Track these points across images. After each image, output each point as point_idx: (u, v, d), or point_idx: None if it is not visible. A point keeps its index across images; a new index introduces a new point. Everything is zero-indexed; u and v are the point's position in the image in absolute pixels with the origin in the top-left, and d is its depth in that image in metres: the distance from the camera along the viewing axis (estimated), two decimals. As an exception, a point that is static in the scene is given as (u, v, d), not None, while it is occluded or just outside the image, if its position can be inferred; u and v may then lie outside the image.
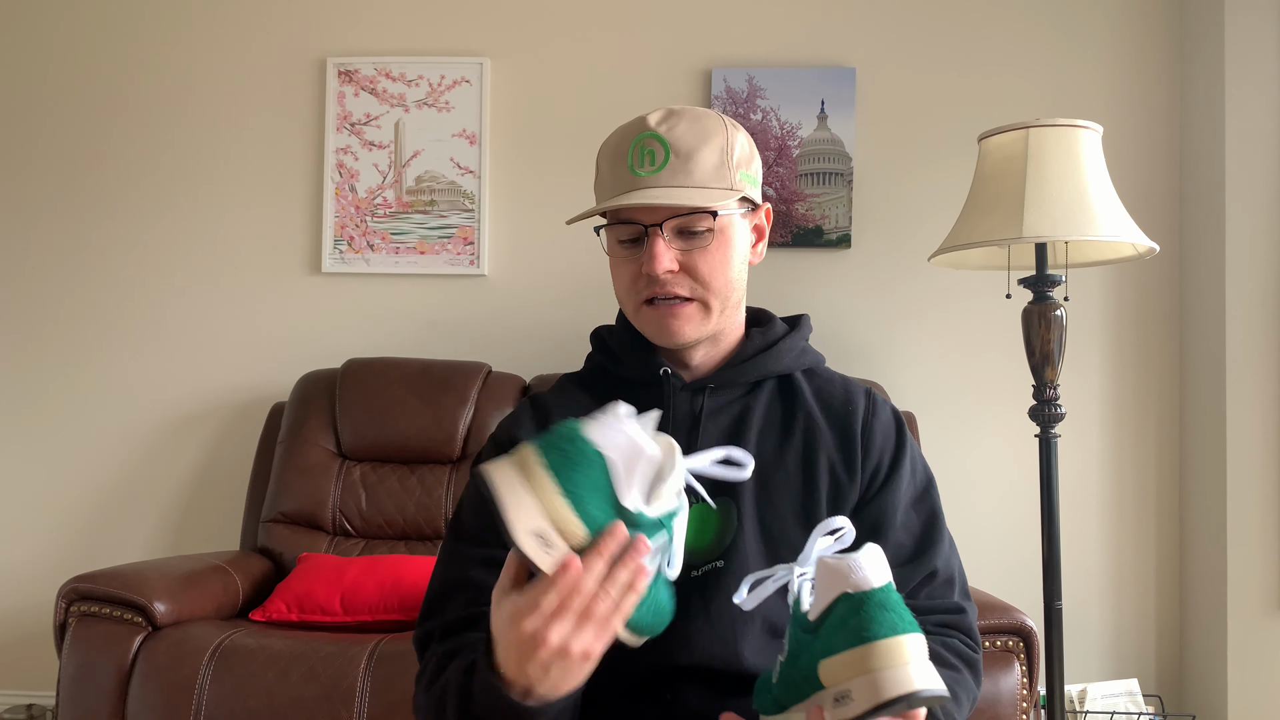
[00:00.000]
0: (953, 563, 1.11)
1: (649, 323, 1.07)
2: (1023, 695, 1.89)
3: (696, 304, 1.06)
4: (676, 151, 1.02)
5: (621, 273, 1.07)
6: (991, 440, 2.67)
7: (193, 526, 2.80)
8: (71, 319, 2.85)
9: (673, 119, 1.04)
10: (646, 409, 1.05)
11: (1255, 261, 2.45)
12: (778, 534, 1.05)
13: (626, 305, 1.09)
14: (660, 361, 1.11)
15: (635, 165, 1.02)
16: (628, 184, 1.02)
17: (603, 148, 1.09)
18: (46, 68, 2.89)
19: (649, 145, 1.02)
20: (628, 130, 1.05)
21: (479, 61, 2.78)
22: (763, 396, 1.11)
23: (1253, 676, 2.42)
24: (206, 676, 1.88)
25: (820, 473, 1.07)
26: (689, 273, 1.04)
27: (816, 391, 1.13)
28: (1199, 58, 2.60)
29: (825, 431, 1.09)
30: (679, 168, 1.02)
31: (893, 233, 2.71)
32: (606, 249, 1.10)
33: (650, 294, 1.05)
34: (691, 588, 1.02)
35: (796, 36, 2.75)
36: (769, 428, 1.10)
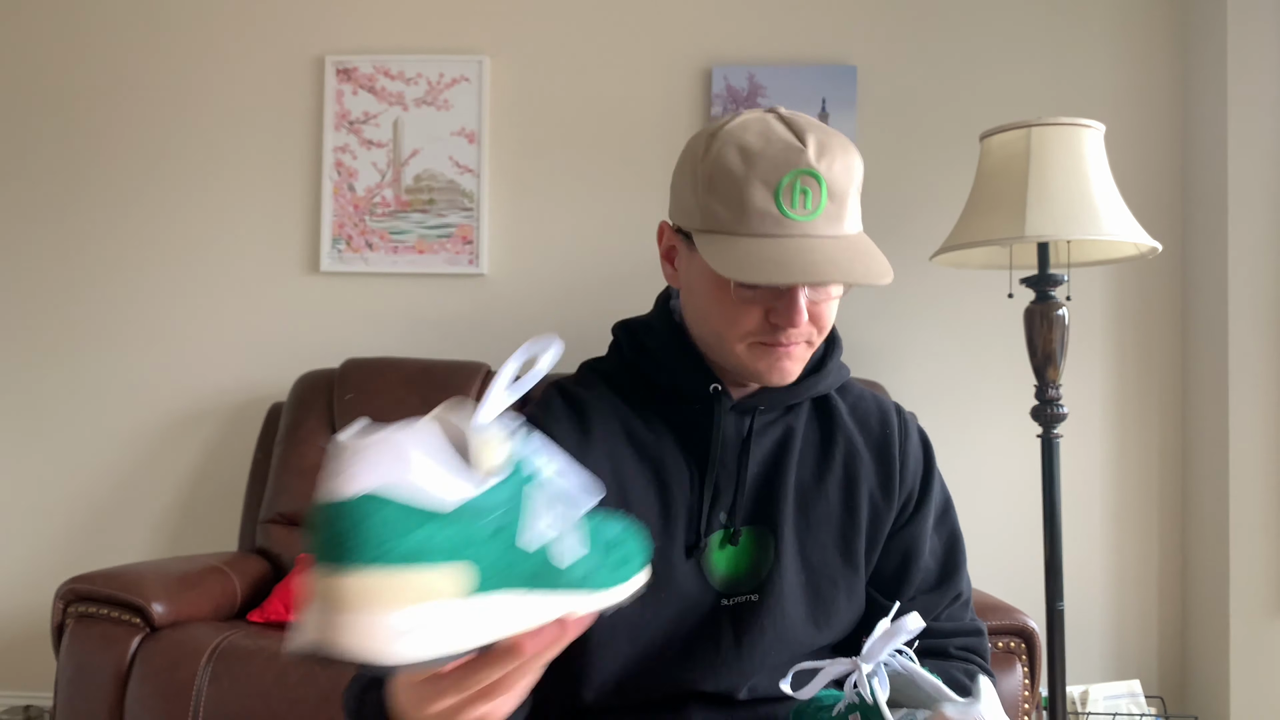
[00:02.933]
0: (969, 584, 1.12)
1: (758, 361, 0.97)
2: (1024, 696, 1.88)
3: (805, 345, 0.99)
4: (833, 195, 0.92)
5: (738, 314, 0.95)
6: (993, 441, 2.67)
7: (191, 527, 2.79)
8: (69, 319, 2.84)
9: (828, 154, 0.92)
10: (689, 423, 1.02)
11: (1258, 260, 2.44)
12: (818, 564, 1.02)
13: (731, 342, 0.97)
14: (713, 376, 1.02)
15: (786, 205, 0.90)
16: (778, 226, 0.90)
17: (726, 159, 0.92)
18: (45, 67, 2.88)
19: (806, 184, 0.90)
20: (779, 158, 0.90)
21: (478, 60, 2.77)
22: (802, 416, 1.07)
23: (1255, 678, 2.41)
24: (204, 677, 1.87)
25: (861, 501, 1.04)
26: (813, 319, 0.97)
27: (852, 410, 1.09)
28: (1202, 56, 2.59)
29: (865, 456, 1.06)
30: (834, 214, 0.93)
31: (893, 232, 2.70)
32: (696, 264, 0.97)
33: (770, 339, 0.95)
34: (723, 616, 1.00)
35: (797, 35, 2.74)
36: (808, 450, 1.05)
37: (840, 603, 1.02)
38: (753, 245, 0.90)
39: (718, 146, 0.93)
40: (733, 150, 0.92)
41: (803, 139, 0.91)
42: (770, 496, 1.02)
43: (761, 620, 0.99)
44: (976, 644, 1.08)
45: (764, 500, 1.02)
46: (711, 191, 0.93)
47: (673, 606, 0.99)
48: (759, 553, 1.01)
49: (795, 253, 0.90)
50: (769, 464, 1.03)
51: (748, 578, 1.00)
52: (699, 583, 0.99)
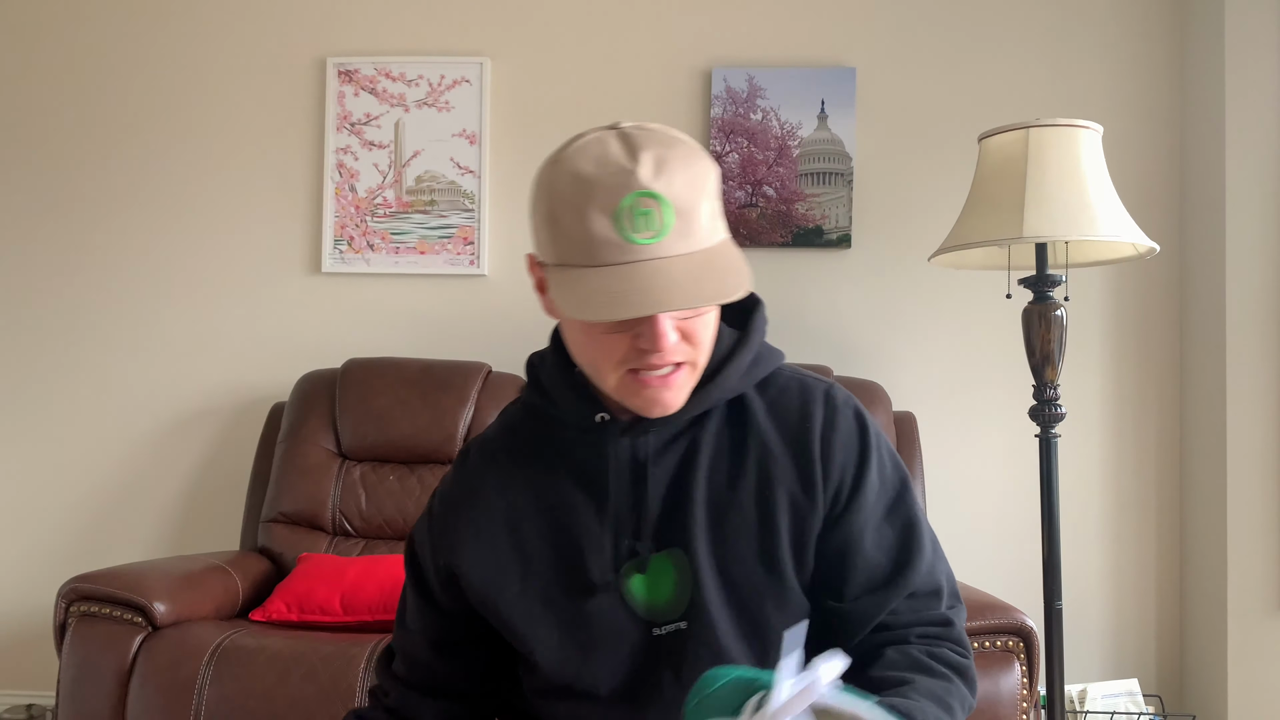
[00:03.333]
0: (937, 572, 1.02)
1: (635, 395, 0.92)
2: (1023, 695, 1.89)
3: (688, 366, 0.93)
4: (679, 211, 0.86)
5: (605, 345, 0.90)
6: (991, 440, 2.67)
7: (193, 526, 2.80)
8: (71, 319, 2.85)
9: (666, 169, 0.86)
10: (584, 454, 0.99)
11: (1256, 261, 2.45)
12: (739, 579, 0.97)
13: (605, 374, 0.92)
14: (598, 405, 0.98)
15: (629, 230, 0.85)
16: (623, 253, 0.85)
17: (562, 194, 0.88)
18: (46, 68, 2.89)
19: (645, 206, 0.85)
20: (613, 182, 0.86)
21: (479, 61, 2.78)
22: (711, 425, 0.99)
23: (1253, 676, 2.42)
24: (206, 677, 1.88)
25: (778, 506, 0.97)
26: (686, 338, 0.91)
27: (770, 407, 1.01)
28: (1199, 57, 2.60)
29: (780, 457, 0.98)
30: (683, 230, 0.86)
31: (893, 233, 2.71)
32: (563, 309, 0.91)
33: (643, 366, 0.90)
34: (658, 649, 0.97)
35: (797, 36, 2.75)
36: (719, 461, 0.99)
37: (770, 615, 0.97)
38: (600, 277, 0.86)
39: (555, 177, 0.89)
40: (568, 180, 0.88)
41: (637, 158, 0.86)
42: (679, 517, 0.97)
43: (695, 648, 0.96)
44: (944, 632, 1.00)
45: (674, 522, 0.97)
46: (555, 224, 0.89)
47: (607, 647, 0.98)
48: (679, 577, 0.97)
49: (642, 280, 0.85)
50: (675, 483, 0.98)
51: (672, 604, 0.96)
52: (626, 618, 0.97)
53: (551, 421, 1.02)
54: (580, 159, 0.88)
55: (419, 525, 1.08)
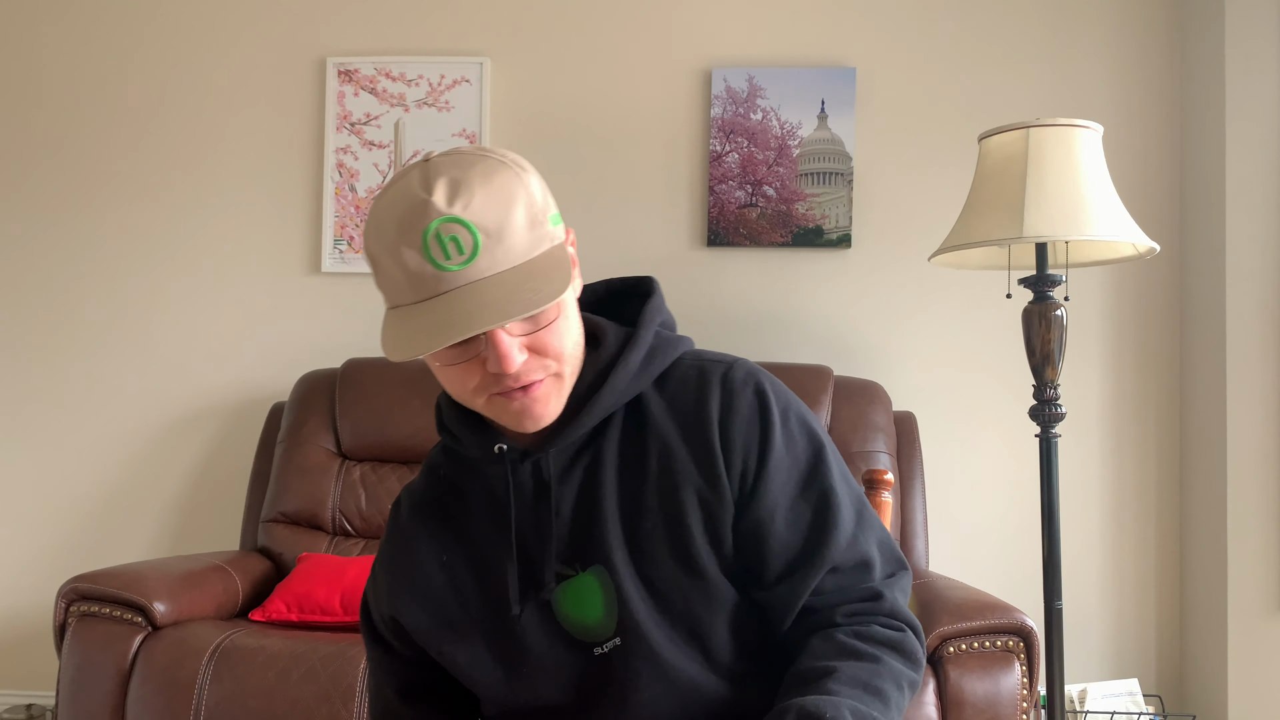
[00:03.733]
0: (863, 543, 0.97)
1: (504, 413, 0.91)
2: (1023, 695, 1.89)
3: (551, 378, 0.91)
4: (485, 230, 0.84)
5: (457, 377, 0.90)
6: (991, 440, 2.67)
7: (193, 526, 2.80)
8: (71, 319, 2.85)
9: (463, 190, 0.85)
10: (494, 486, 0.99)
11: (1256, 261, 2.45)
12: (661, 584, 0.95)
13: (472, 402, 0.92)
14: (495, 437, 0.97)
15: (438, 259, 0.84)
16: (438, 283, 0.84)
17: (377, 238, 0.87)
18: (46, 68, 2.89)
19: (448, 232, 0.84)
20: (410, 215, 0.85)
21: (479, 61, 2.78)
22: (612, 434, 0.97)
23: (1253, 676, 2.42)
24: (206, 676, 1.88)
25: (686, 504, 0.95)
26: (538, 353, 0.89)
27: (670, 402, 0.98)
28: (1199, 57, 2.60)
29: (681, 454, 0.96)
30: (493, 250, 0.85)
31: (893, 233, 2.71)
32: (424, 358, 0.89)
33: (500, 388, 0.89)
34: (602, 667, 0.96)
35: (797, 36, 2.75)
36: (624, 469, 0.96)
37: (701, 615, 0.95)
38: (421, 312, 0.85)
39: (370, 223, 0.89)
40: (377, 223, 0.88)
41: (430, 186, 0.85)
42: (594, 532, 0.95)
43: (634, 662, 0.94)
44: (871, 608, 0.96)
45: (589, 538, 0.96)
46: (377, 270, 0.89)
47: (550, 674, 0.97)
48: (605, 594, 0.95)
49: (456, 306, 0.84)
50: (583, 500, 0.96)
51: (604, 622, 0.95)
52: (563, 643, 0.97)
53: (465, 460, 1.02)
54: (385, 199, 0.88)
55: (367, 586, 1.08)
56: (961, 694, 1.84)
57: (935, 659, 1.89)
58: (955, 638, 1.88)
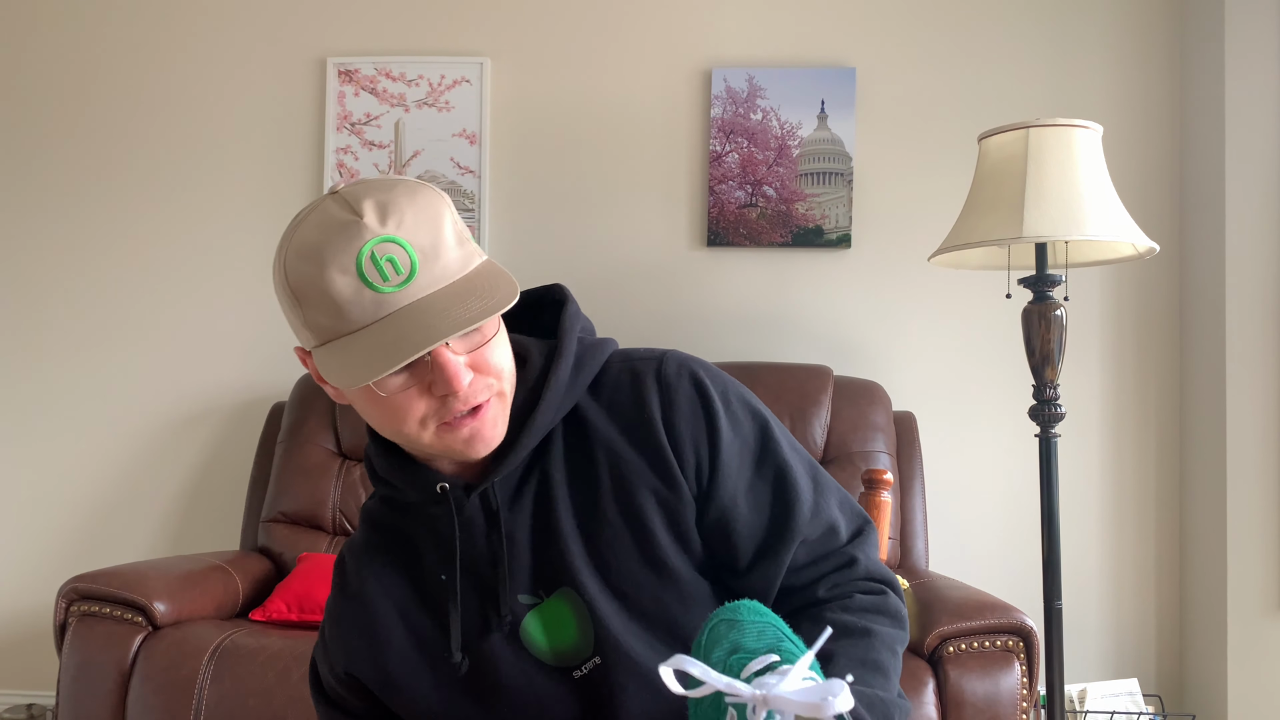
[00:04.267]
0: (825, 507, 0.96)
1: (454, 442, 0.88)
2: (1023, 695, 1.89)
3: (494, 396, 0.89)
4: (420, 250, 0.83)
5: (402, 407, 0.86)
6: (991, 440, 2.67)
7: (193, 526, 2.80)
8: (71, 319, 2.85)
9: (393, 210, 0.83)
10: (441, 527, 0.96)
11: (1255, 261, 2.45)
12: (632, 593, 0.93)
13: (416, 436, 0.88)
14: (435, 476, 0.94)
15: (376, 281, 0.81)
16: (379, 307, 0.82)
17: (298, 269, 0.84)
18: (46, 68, 2.89)
19: (385, 252, 0.81)
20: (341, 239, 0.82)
21: (479, 61, 2.78)
22: (555, 451, 0.95)
23: (1253, 676, 2.42)
24: (206, 676, 1.88)
25: (645, 508, 0.93)
26: (481, 372, 0.87)
27: (608, 408, 0.96)
28: (1199, 57, 2.60)
29: (630, 457, 0.94)
30: (430, 268, 0.83)
31: (893, 233, 2.71)
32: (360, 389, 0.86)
33: (449, 415, 0.86)
34: (583, 690, 0.94)
35: (797, 36, 2.75)
36: (574, 482, 0.95)
37: (678, 616, 0.94)
38: (365, 338, 0.82)
39: (287, 258, 0.85)
40: (298, 255, 0.84)
41: (359, 209, 0.83)
42: (555, 555, 0.94)
43: (617, 678, 0.93)
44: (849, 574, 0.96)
45: (550, 562, 0.94)
46: (304, 304, 0.84)
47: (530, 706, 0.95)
48: (576, 614, 0.93)
49: (408, 323, 0.81)
50: (538, 524, 0.94)
51: (580, 644, 0.94)
52: (538, 672, 0.95)
53: (405, 506, 0.99)
54: (304, 231, 0.85)
55: (315, 650, 1.05)
56: (961, 694, 1.84)
57: (935, 659, 1.89)
58: (955, 637, 1.88)
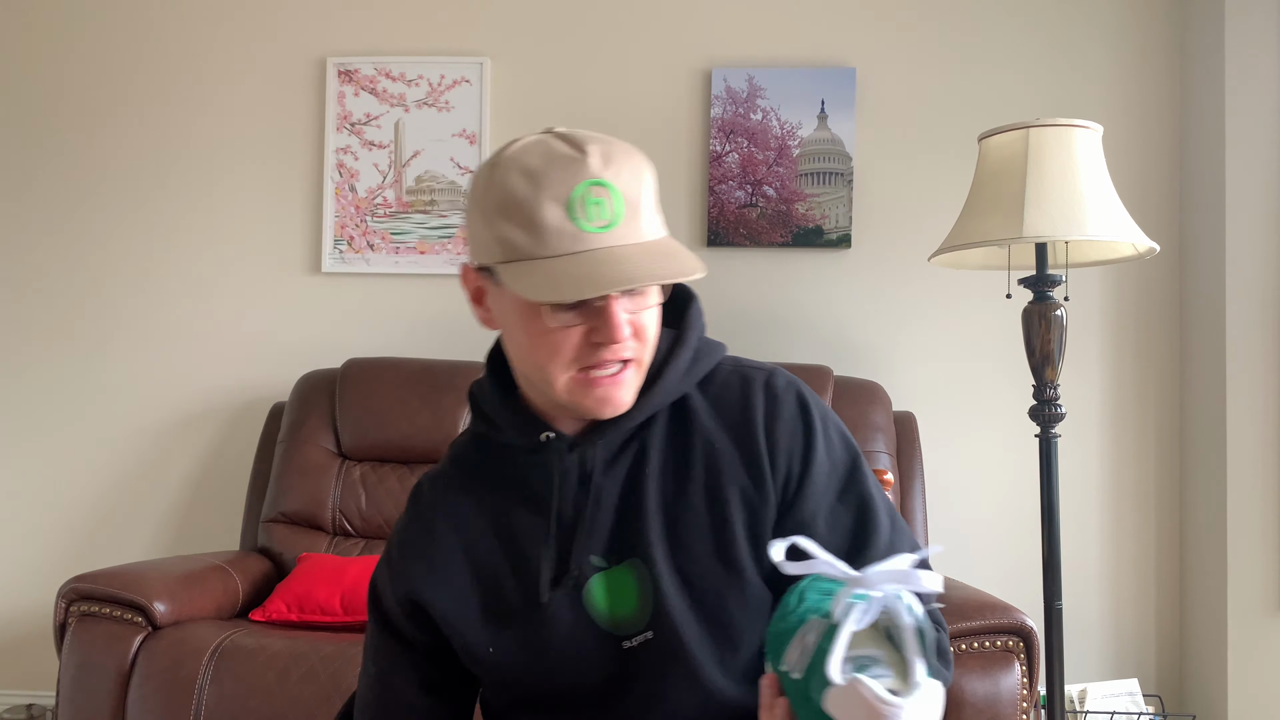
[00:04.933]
0: (899, 547, 0.99)
1: (585, 395, 0.92)
2: (1023, 695, 1.89)
3: (635, 363, 0.93)
4: (628, 202, 0.88)
5: (557, 341, 0.90)
6: (991, 440, 2.67)
7: (193, 526, 2.80)
8: (71, 319, 2.85)
9: (614, 161, 0.88)
10: (533, 475, 0.99)
11: (1255, 261, 2.45)
12: (699, 581, 0.96)
13: (555, 375, 0.92)
14: (542, 425, 0.98)
15: (582, 219, 0.86)
16: (578, 242, 0.86)
17: (509, 187, 0.88)
18: (48, 70, 2.89)
19: (597, 195, 0.87)
20: (563, 172, 0.87)
21: (479, 61, 2.78)
22: (657, 430, 0.99)
23: (1253, 676, 2.42)
24: (206, 676, 1.88)
25: (730, 503, 0.96)
26: (635, 334, 0.92)
27: (714, 404, 1.01)
28: (1199, 57, 2.60)
29: (727, 452, 0.98)
30: (632, 221, 0.88)
31: (893, 233, 2.71)
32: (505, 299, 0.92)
33: (595, 363, 0.90)
34: (629, 661, 0.96)
35: (796, 36, 2.75)
36: (667, 466, 0.98)
37: (734, 615, 0.96)
38: (556, 265, 0.86)
39: (500, 175, 0.89)
40: (516, 175, 0.88)
41: (584, 150, 0.88)
42: (635, 526, 0.97)
43: (662, 657, 0.95)
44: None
45: (629, 531, 0.97)
46: (504, 220, 0.88)
47: (573, 664, 0.97)
48: (640, 587, 0.96)
49: (600, 264, 0.86)
50: (626, 493, 0.98)
51: (637, 616, 0.96)
52: (591, 634, 0.96)
53: (499, 448, 1.02)
54: (525, 156, 0.89)
55: (378, 571, 1.06)
56: (961, 694, 1.84)
57: (935, 659, 1.89)
58: (955, 637, 1.88)
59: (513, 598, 0.98)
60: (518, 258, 0.88)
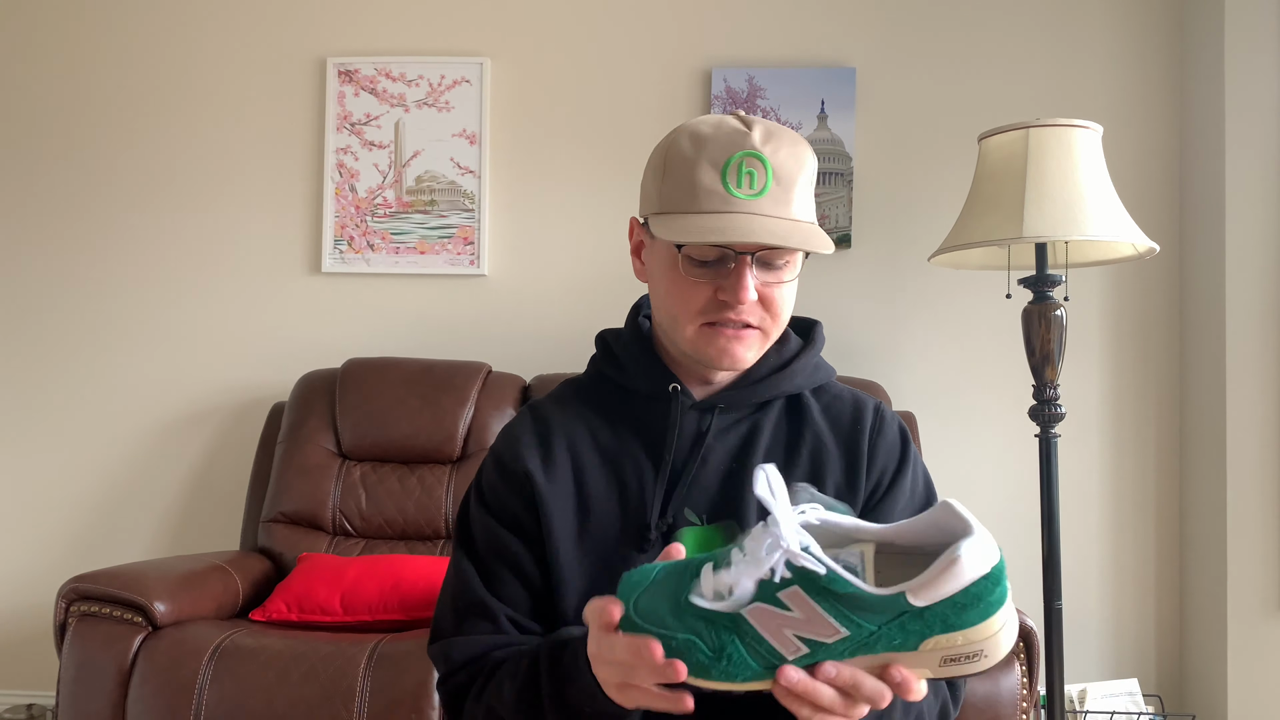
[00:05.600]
0: None
1: (709, 344, 1.02)
2: (1023, 695, 1.89)
3: (760, 331, 1.03)
4: (779, 178, 0.97)
5: (689, 291, 1.00)
6: (991, 440, 2.67)
7: (193, 526, 2.80)
8: (71, 319, 2.85)
9: (774, 140, 0.98)
10: (651, 420, 1.06)
11: (1255, 261, 2.45)
12: None
13: (683, 323, 1.02)
14: (671, 376, 1.07)
15: (733, 185, 0.96)
16: (724, 204, 0.96)
17: (680, 149, 1.00)
18: (46, 68, 2.89)
19: (750, 165, 0.96)
20: (724, 140, 0.98)
21: (479, 61, 2.78)
22: (771, 415, 1.09)
23: (1253, 676, 2.42)
24: (206, 676, 1.88)
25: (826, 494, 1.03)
26: (764, 303, 1.01)
27: (825, 409, 1.10)
28: (1199, 57, 2.60)
29: (832, 452, 1.07)
30: (780, 196, 0.97)
31: (893, 233, 2.71)
32: (657, 252, 1.03)
33: (719, 318, 1.00)
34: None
35: (796, 36, 2.75)
36: (776, 448, 1.07)
37: None
38: (700, 219, 0.96)
39: (674, 137, 1.01)
40: (685, 137, 1.00)
41: (750, 127, 0.98)
42: (736, 493, 1.04)
43: None
44: None
45: (730, 496, 1.04)
46: (667, 176, 1.00)
47: None
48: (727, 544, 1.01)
49: (738, 224, 0.95)
50: (733, 461, 1.05)
51: None
52: None
53: (620, 390, 1.10)
54: (700, 124, 1.00)
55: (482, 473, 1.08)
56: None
57: (935, 659, 1.89)
58: (955, 638, 1.88)
59: (608, 528, 1.04)
60: (672, 211, 0.99)
